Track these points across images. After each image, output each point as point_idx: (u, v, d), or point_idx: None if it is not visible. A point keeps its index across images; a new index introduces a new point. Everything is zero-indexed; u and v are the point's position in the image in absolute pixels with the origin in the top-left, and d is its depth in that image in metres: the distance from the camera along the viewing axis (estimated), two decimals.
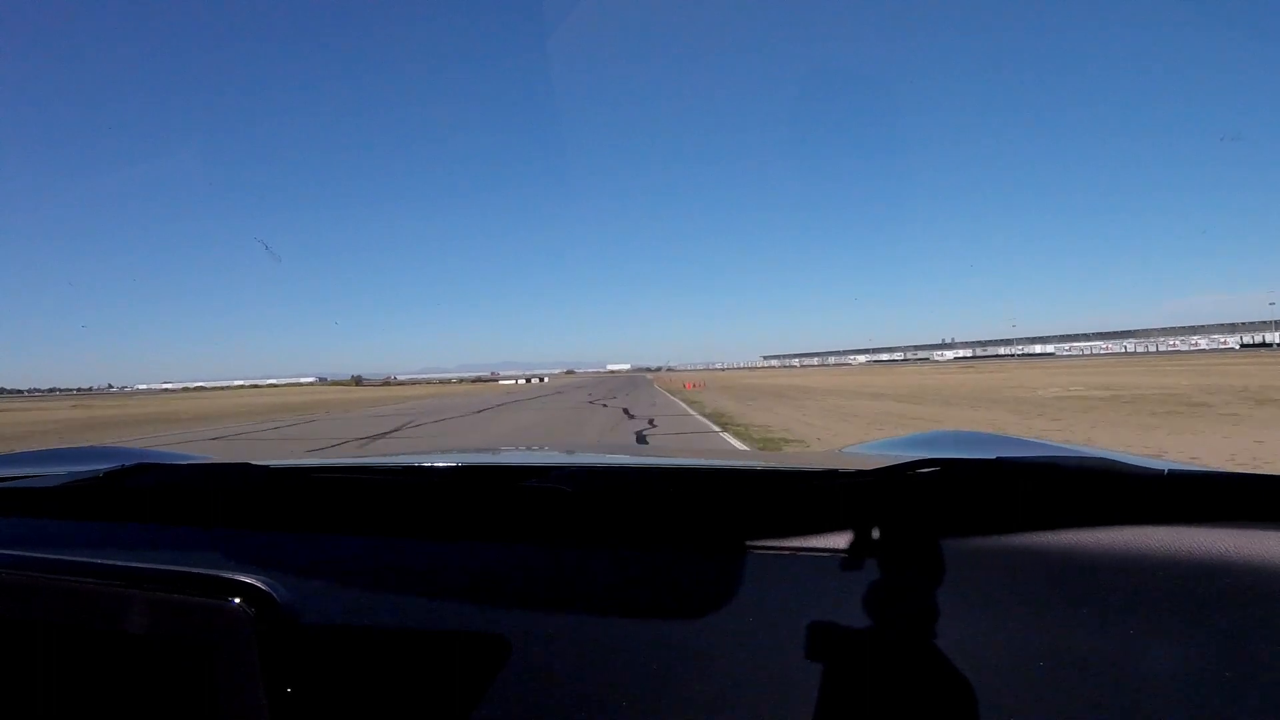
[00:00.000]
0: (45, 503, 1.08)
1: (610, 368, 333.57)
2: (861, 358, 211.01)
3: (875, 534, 0.80)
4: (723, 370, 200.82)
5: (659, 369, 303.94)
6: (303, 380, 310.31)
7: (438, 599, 0.80)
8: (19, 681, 0.63)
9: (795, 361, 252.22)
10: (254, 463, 1.03)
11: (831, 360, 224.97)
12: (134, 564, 0.62)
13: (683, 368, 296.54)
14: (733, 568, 0.79)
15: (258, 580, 0.60)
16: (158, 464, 1.09)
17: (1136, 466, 0.81)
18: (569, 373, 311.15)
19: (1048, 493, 0.80)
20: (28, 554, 0.67)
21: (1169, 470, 0.79)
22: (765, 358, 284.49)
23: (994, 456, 0.81)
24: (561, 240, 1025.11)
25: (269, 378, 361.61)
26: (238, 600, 0.58)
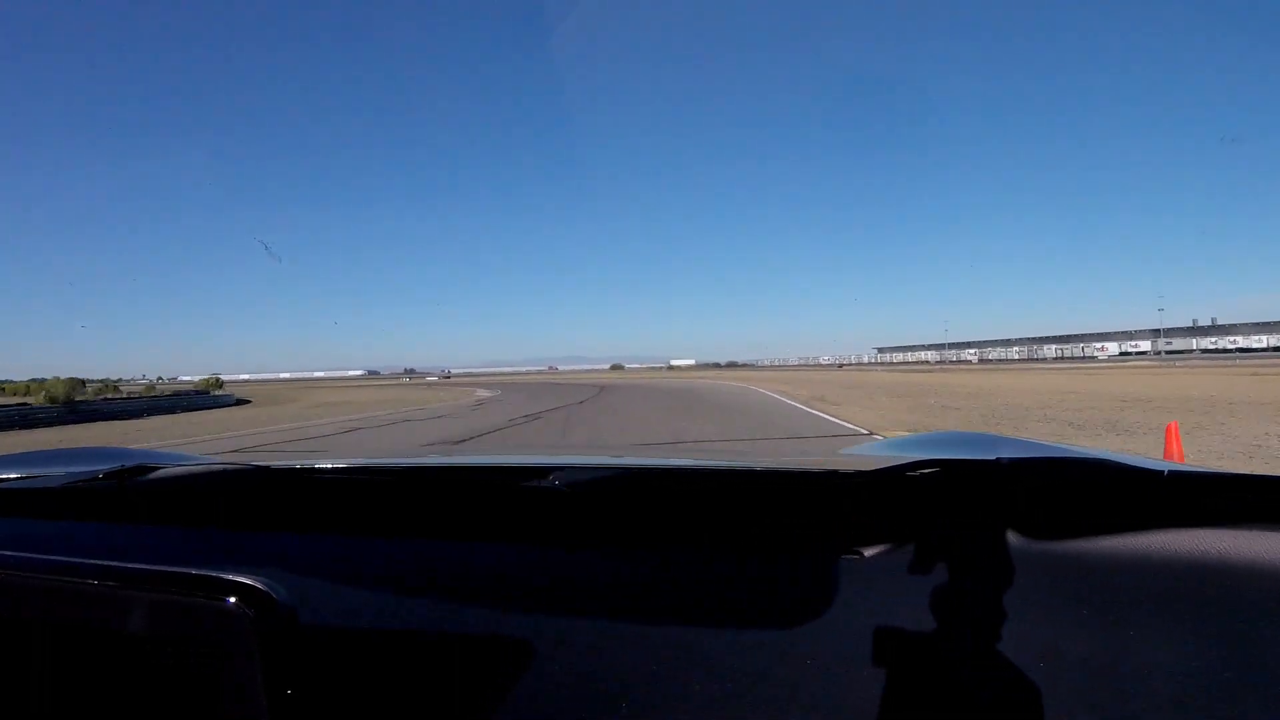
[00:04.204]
0: (45, 503, 1.10)
1: (674, 363, 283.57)
2: (1112, 346, 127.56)
3: (874, 535, 0.82)
4: (851, 367, 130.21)
5: (729, 364, 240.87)
6: (350, 373, 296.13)
7: (438, 600, 0.81)
8: (20, 682, 0.64)
9: (968, 354, 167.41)
10: (253, 463, 1.05)
11: (1050, 352, 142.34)
12: (134, 565, 0.63)
13: (765, 363, 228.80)
14: (733, 568, 0.81)
15: (257, 581, 0.61)
16: (157, 464, 1.09)
17: (1136, 467, 0.81)
18: (615, 368, 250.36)
19: (1047, 493, 0.81)
20: (28, 555, 0.68)
21: (1169, 470, 0.79)
22: (880, 350, 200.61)
23: (993, 457, 0.82)
24: (622, 229, 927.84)
25: (316, 370, 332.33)
26: (238, 601, 0.59)
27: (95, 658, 0.62)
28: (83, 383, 67.42)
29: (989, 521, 0.81)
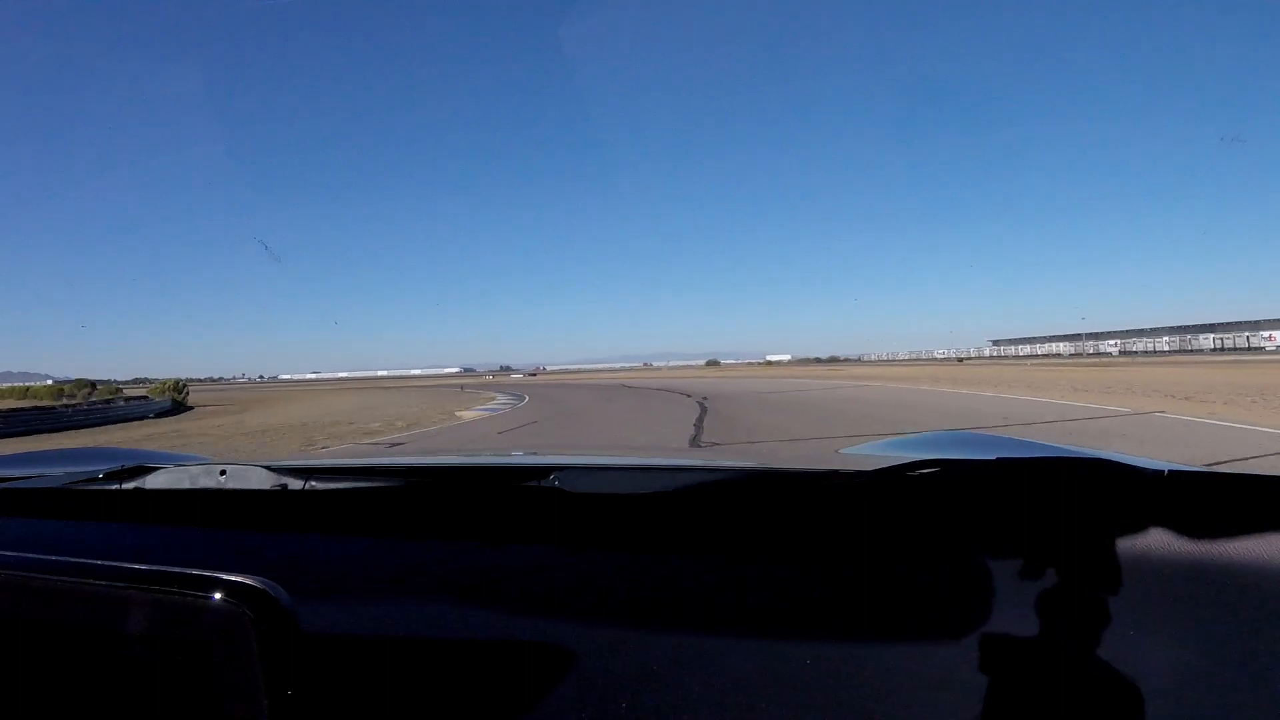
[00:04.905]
0: (45, 503, 1.12)
1: (770, 358, 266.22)
2: None
3: (873, 535, 0.82)
4: (973, 362, 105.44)
5: (830, 359, 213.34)
6: (445, 370, 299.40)
7: (438, 601, 0.81)
8: (20, 682, 0.64)
9: (1108, 345, 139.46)
10: (254, 462, 1.06)
11: (1206, 342, 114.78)
12: (133, 564, 0.64)
13: (872, 358, 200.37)
14: (733, 569, 0.81)
15: (257, 581, 0.61)
16: (157, 464, 1.11)
17: (1136, 467, 0.81)
18: (711, 364, 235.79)
19: (1047, 493, 0.81)
20: (27, 555, 0.68)
21: (1169, 470, 0.79)
22: (995, 342, 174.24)
23: (993, 457, 0.81)
24: (714, 226, 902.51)
25: (412, 368, 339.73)
26: (237, 601, 0.59)
27: (95, 658, 0.62)
28: (92, 385, 59.39)
29: (988, 522, 0.81)
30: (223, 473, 1.04)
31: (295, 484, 1.03)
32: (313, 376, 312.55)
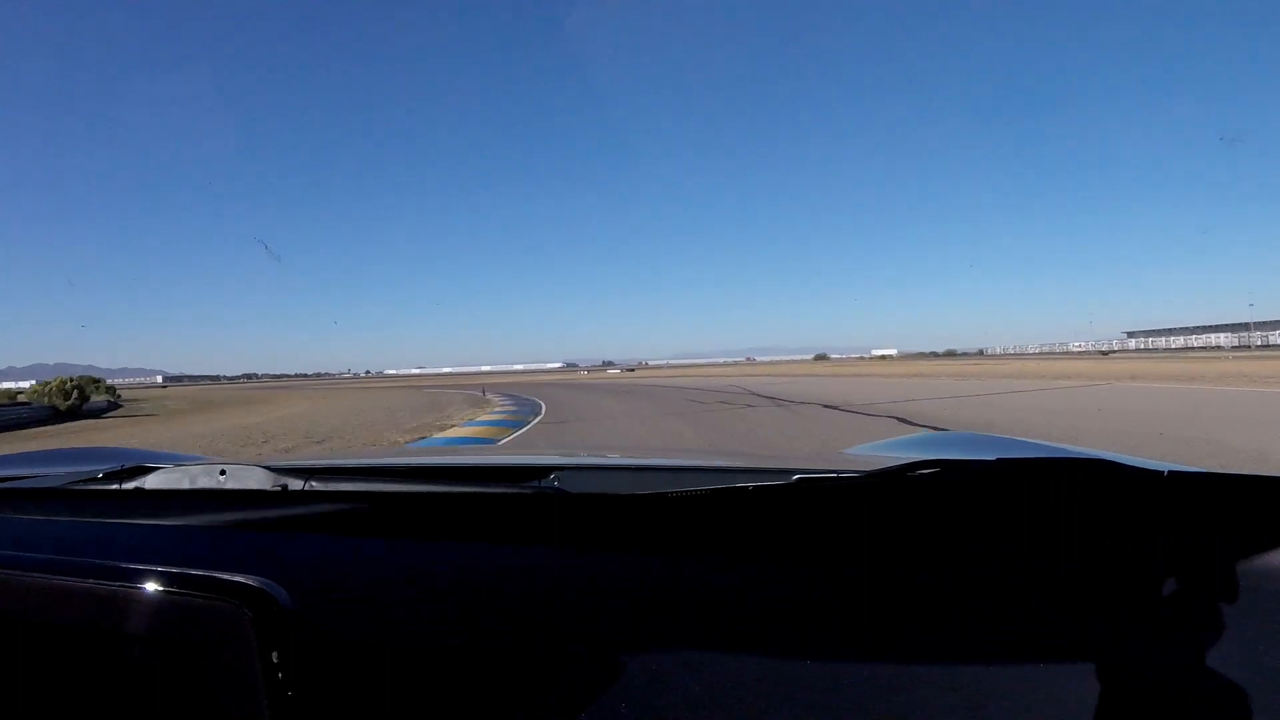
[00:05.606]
0: (45, 503, 1.12)
1: (875, 353, 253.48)
2: None
3: (874, 535, 0.82)
4: (1120, 355, 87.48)
5: (946, 353, 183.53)
6: (549, 365, 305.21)
7: (438, 601, 0.81)
8: (19, 682, 0.64)
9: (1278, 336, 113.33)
10: (254, 462, 1.07)
11: None
12: (133, 564, 0.64)
13: (998, 352, 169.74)
14: (733, 569, 0.80)
15: (257, 581, 0.61)
16: (157, 464, 1.12)
17: (1136, 467, 0.80)
18: (820, 358, 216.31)
19: (1047, 494, 0.81)
20: (28, 555, 0.69)
21: (1169, 471, 0.78)
22: (1130, 334, 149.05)
23: (994, 458, 0.81)
24: (816, 217, 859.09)
25: (516, 363, 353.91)
26: (238, 601, 0.59)
27: (95, 658, 0.62)
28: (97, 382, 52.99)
29: (989, 522, 0.81)
30: (223, 473, 1.04)
31: (295, 484, 1.03)
32: (416, 371, 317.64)
